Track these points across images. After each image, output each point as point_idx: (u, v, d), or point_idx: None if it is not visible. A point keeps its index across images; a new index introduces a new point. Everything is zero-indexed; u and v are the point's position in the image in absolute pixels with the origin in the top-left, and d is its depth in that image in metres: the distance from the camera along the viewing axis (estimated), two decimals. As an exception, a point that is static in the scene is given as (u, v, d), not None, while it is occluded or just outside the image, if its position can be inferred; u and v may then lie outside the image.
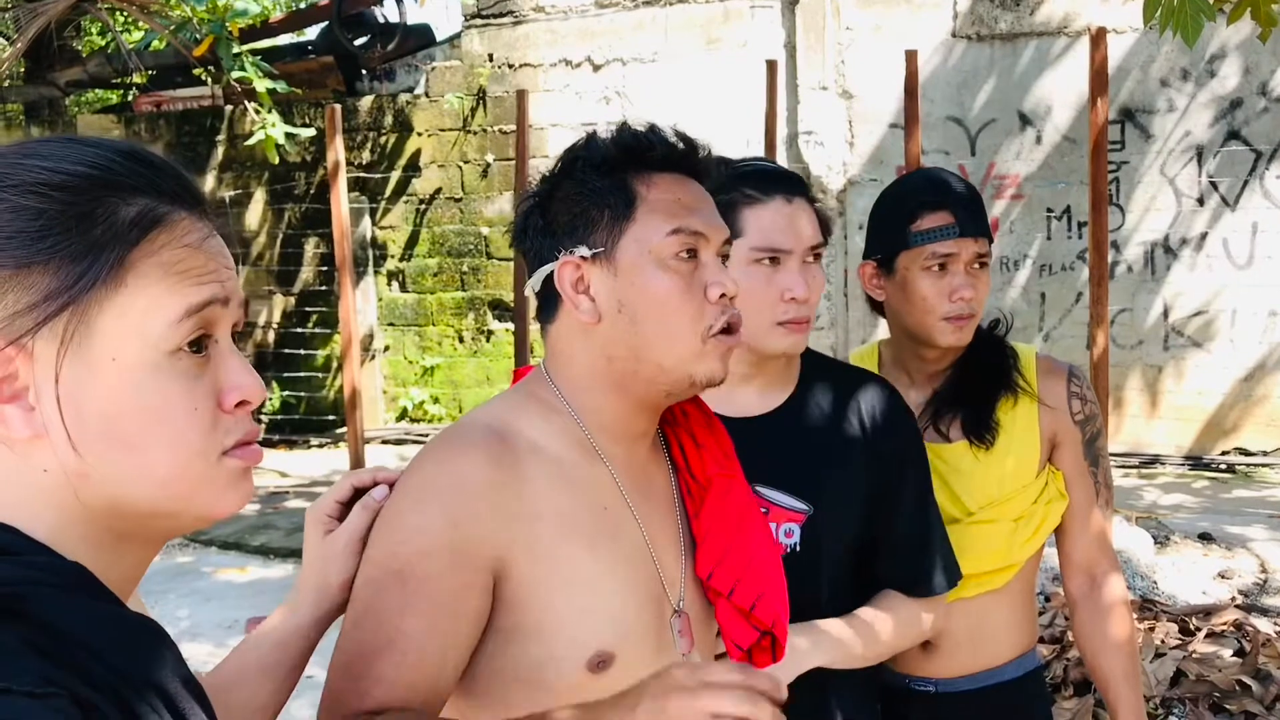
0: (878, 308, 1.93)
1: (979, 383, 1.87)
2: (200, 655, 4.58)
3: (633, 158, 1.23)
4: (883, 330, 2.07)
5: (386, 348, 8.96)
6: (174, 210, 0.81)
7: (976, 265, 1.81)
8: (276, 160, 6.98)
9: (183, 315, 0.79)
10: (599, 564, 1.19)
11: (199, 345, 0.80)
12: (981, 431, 1.84)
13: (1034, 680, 1.96)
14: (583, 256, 1.20)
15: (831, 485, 1.64)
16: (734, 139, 7.45)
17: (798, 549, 1.63)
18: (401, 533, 1.15)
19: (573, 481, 1.20)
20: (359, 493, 1.24)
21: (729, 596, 1.27)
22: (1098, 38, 5.24)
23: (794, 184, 1.66)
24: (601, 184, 1.23)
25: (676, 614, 1.26)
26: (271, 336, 9.25)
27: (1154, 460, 7.23)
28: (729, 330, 1.23)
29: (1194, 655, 3.63)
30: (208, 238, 0.82)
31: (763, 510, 1.62)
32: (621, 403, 1.25)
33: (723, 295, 1.22)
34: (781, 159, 7.54)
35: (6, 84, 10.44)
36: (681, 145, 1.25)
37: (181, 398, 0.79)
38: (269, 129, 6.52)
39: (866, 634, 1.63)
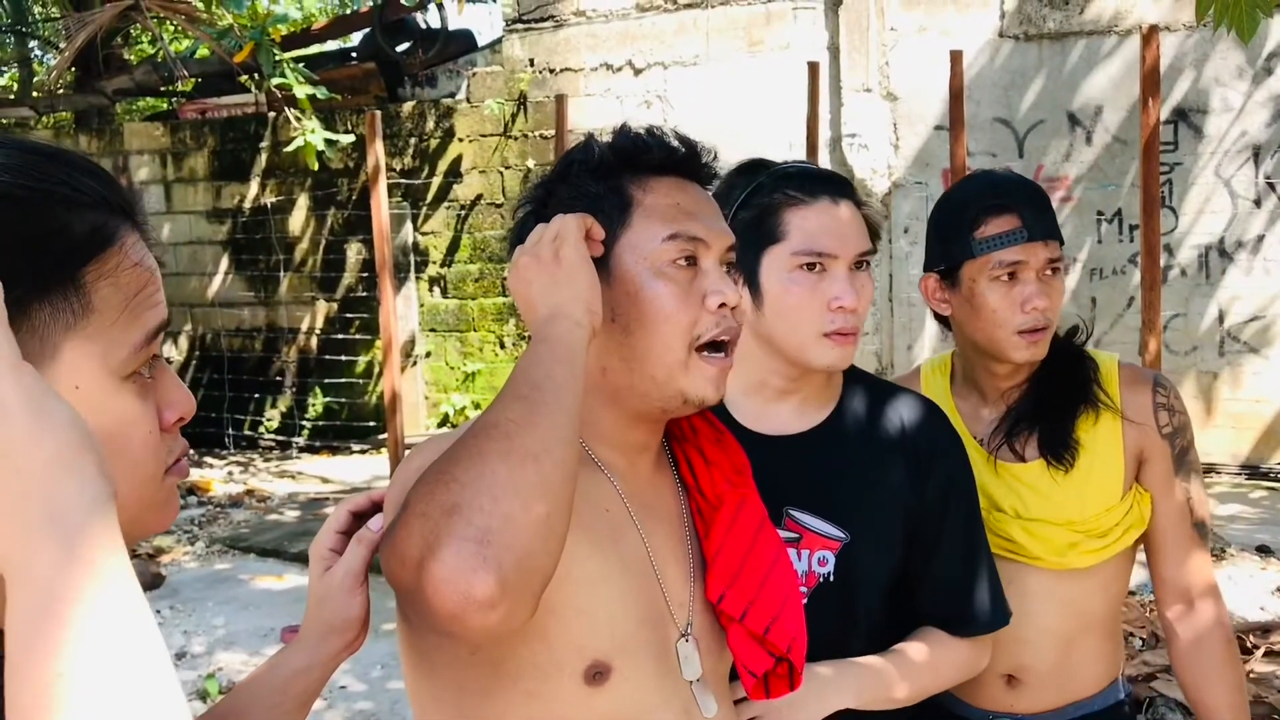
0: (943, 321, 1.81)
1: (1056, 397, 1.74)
2: (235, 664, 4.57)
3: (629, 161, 1.18)
4: (930, 335, 1.96)
5: (428, 353, 8.95)
6: (122, 225, 0.77)
7: (1048, 272, 1.68)
8: (316, 166, 6.98)
9: (144, 341, 0.76)
10: (599, 564, 1.13)
11: (149, 366, 0.78)
12: (1060, 450, 1.71)
13: (1119, 713, 1.84)
14: None
15: (871, 512, 1.55)
16: (777, 142, 7.36)
17: (831, 579, 1.53)
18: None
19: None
20: (358, 519, 1.18)
21: (741, 620, 1.19)
22: (1149, 36, 5.09)
23: (841, 186, 1.57)
24: (597, 188, 1.17)
25: (685, 638, 1.19)
26: (314, 342, 9.28)
27: (1210, 469, 7.03)
28: (719, 346, 1.17)
29: (1251, 674, 3.49)
30: (147, 253, 0.79)
31: (795, 537, 1.54)
32: (617, 414, 1.19)
33: (722, 304, 1.16)
34: (825, 162, 7.44)
35: (58, 92, 10.58)
36: (681, 148, 1.20)
37: (138, 423, 0.77)
38: (309, 135, 6.51)
39: (907, 673, 1.52)
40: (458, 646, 1.07)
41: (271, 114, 9.02)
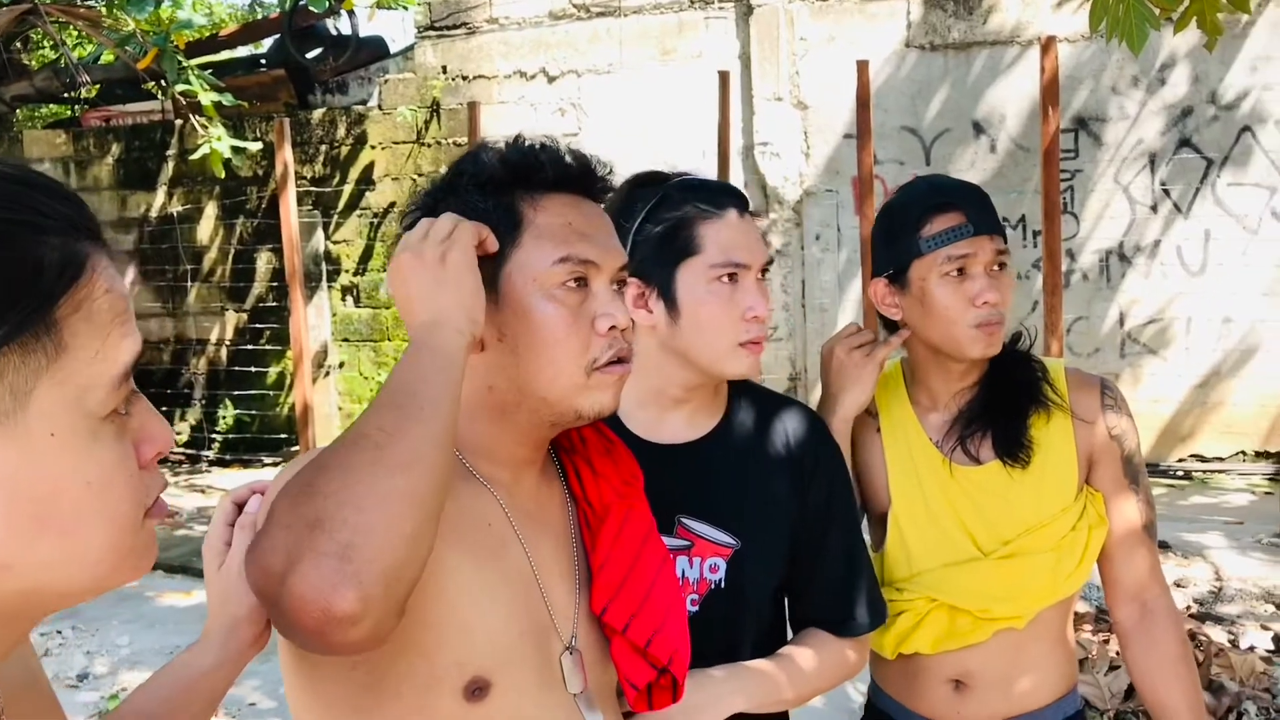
0: (890, 327, 1.80)
1: (1008, 398, 1.73)
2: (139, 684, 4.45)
3: (521, 177, 1.16)
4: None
5: (341, 364, 8.84)
6: (93, 249, 0.70)
7: (996, 267, 1.69)
8: (223, 174, 6.86)
9: (121, 377, 0.70)
10: (480, 579, 1.12)
11: (126, 402, 0.72)
12: (1015, 449, 1.71)
13: None
14: None
15: (760, 518, 1.57)
16: (690, 150, 7.41)
17: (723, 585, 1.55)
18: None
19: (454, 493, 1.11)
20: (242, 509, 1.17)
21: (624, 632, 1.19)
22: (1047, 46, 5.23)
23: (740, 198, 1.60)
24: (486, 204, 1.15)
25: (569, 651, 1.18)
26: (224, 353, 9.11)
27: (1112, 468, 7.23)
28: (619, 361, 1.16)
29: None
30: (116, 276, 0.72)
31: (687, 544, 1.56)
32: (503, 431, 1.18)
33: (612, 327, 1.15)
34: (737, 170, 7.51)
35: (-48, 99, 10.26)
36: (575, 164, 1.18)
37: (117, 466, 0.71)
38: (215, 143, 6.40)
39: (794, 675, 1.55)
40: (337, 661, 1.06)
41: (178, 121, 8.84)
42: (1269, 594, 4.55)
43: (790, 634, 1.65)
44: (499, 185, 1.16)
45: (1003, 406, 1.73)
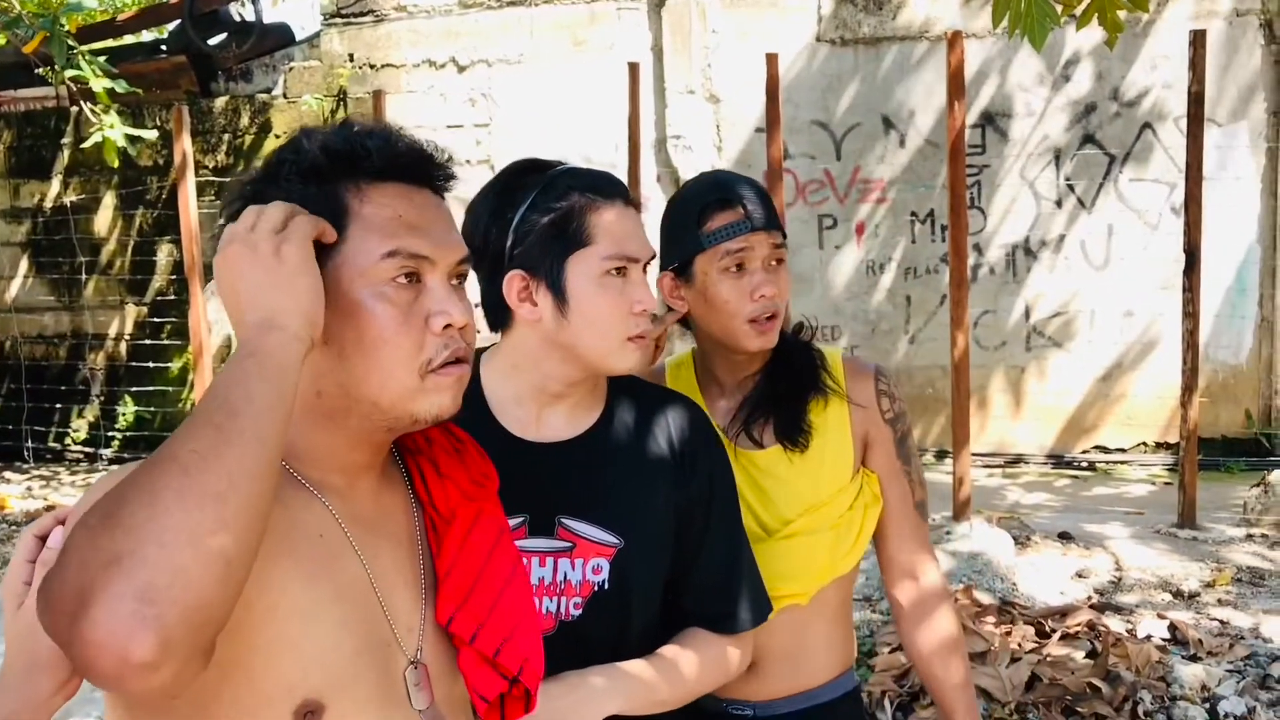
0: (682, 321, 1.87)
1: (788, 385, 1.81)
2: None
3: (346, 165, 1.08)
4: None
5: (247, 358, 8.62)
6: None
7: (774, 262, 1.76)
8: (116, 164, 6.63)
9: None
10: (310, 596, 1.03)
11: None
12: (794, 433, 1.79)
13: (852, 701, 1.90)
14: None
15: (642, 516, 1.53)
16: (603, 143, 7.36)
17: (606, 586, 1.50)
18: None
19: (283, 502, 1.03)
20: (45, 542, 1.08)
21: (471, 642, 1.13)
22: (953, 41, 5.28)
23: (625, 189, 1.56)
24: (308, 194, 1.07)
25: (413, 665, 1.11)
26: (123, 348, 8.83)
27: (1018, 460, 7.35)
28: (457, 362, 1.10)
29: (1048, 658, 3.63)
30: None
31: (569, 546, 1.50)
32: (334, 437, 1.10)
33: (448, 326, 1.08)
34: (649, 163, 7.47)
35: None
36: (407, 152, 1.10)
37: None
38: (108, 131, 6.17)
39: (671, 675, 1.51)
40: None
41: (74, 109, 8.54)
42: (1166, 583, 4.64)
43: (668, 631, 1.61)
44: (321, 173, 1.08)
45: (783, 394, 1.82)
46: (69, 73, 6.08)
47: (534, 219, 1.48)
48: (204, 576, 0.83)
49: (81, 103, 6.59)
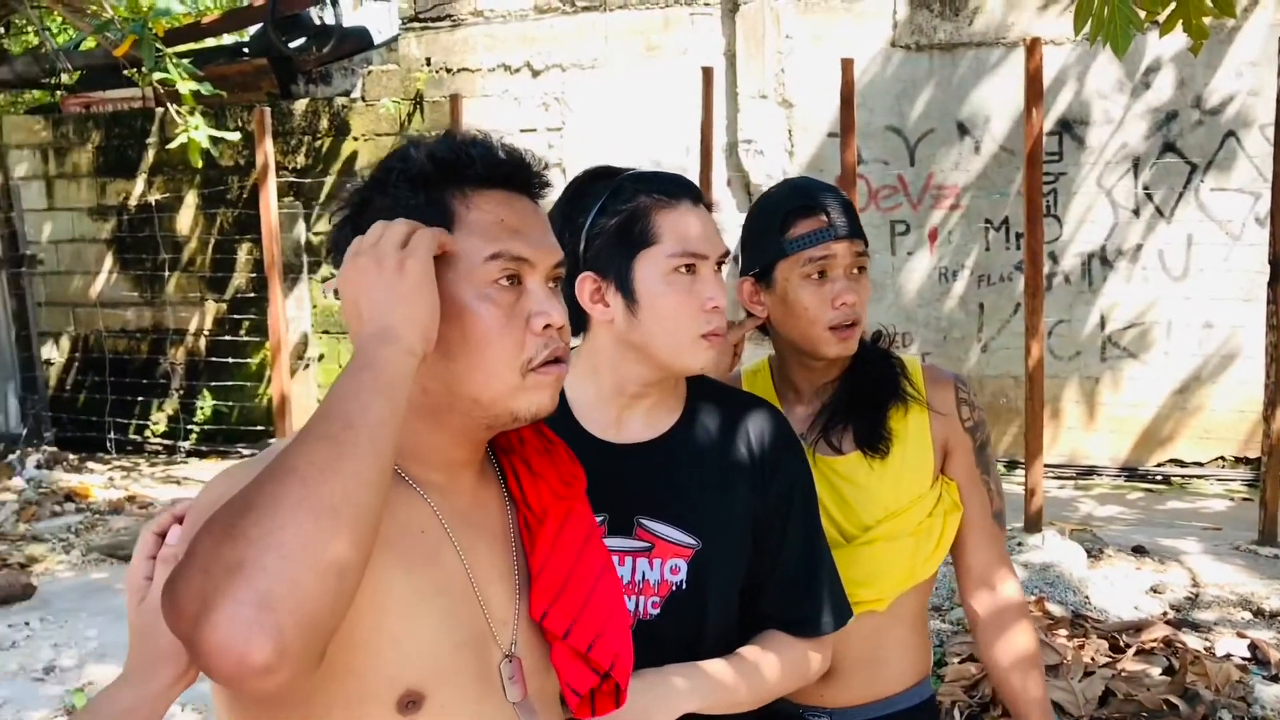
0: (761, 327, 1.88)
1: (869, 391, 1.82)
2: (107, 677, 4.40)
3: (451, 173, 1.12)
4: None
5: (321, 356, 8.78)
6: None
7: (855, 270, 1.77)
8: (200, 164, 6.79)
9: None
10: (412, 589, 1.07)
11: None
12: (875, 440, 1.79)
13: (928, 710, 1.89)
14: None
15: (720, 519, 1.54)
16: (674, 147, 7.38)
17: (684, 587, 1.52)
18: None
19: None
20: (164, 539, 1.12)
21: (565, 638, 1.16)
22: (1032, 47, 5.23)
23: (695, 189, 1.58)
24: (416, 201, 1.11)
25: (508, 659, 1.15)
26: (203, 344, 9.04)
27: (1090, 471, 7.24)
28: (556, 361, 1.13)
29: (1123, 674, 3.58)
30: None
31: (648, 546, 1.53)
32: (437, 434, 1.14)
33: (547, 326, 1.12)
34: (720, 168, 7.48)
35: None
36: (508, 160, 1.15)
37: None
38: (193, 132, 6.33)
39: (751, 676, 1.52)
40: None
41: (159, 110, 8.76)
42: (1245, 601, 4.55)
43: (747, 634, 1.62)
44: (429, 180, 1.12)
45: (863, 400, 1.82)
46: (156, 75, 6.25)
47: (603, 222, 1.52)
48: (320, 586, 0.87)
49: (167, 104, 6.76)
